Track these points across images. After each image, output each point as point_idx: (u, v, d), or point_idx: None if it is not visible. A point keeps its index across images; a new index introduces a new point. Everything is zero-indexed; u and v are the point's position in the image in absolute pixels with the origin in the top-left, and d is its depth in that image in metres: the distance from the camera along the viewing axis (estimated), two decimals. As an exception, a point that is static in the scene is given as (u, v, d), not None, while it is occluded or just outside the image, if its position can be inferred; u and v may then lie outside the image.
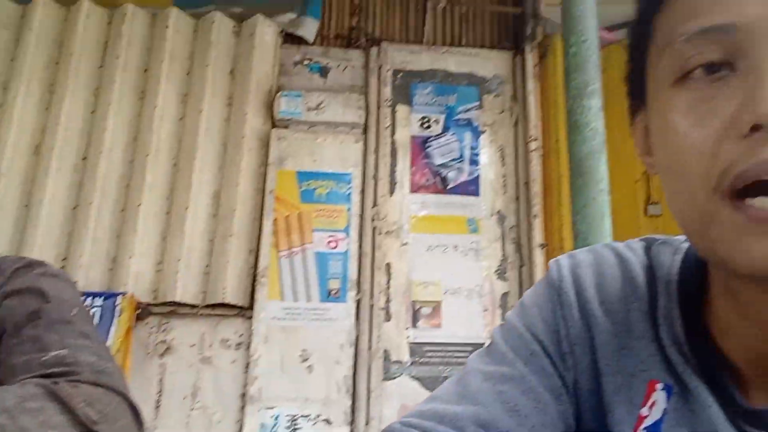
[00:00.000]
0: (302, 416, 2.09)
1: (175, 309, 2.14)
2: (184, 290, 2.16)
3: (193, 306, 2.16)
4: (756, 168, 0.34)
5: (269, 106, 2.49)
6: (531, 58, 2.64)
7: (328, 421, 2.10)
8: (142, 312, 2.06)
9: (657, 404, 0.49)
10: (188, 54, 2.50)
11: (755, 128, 0.34)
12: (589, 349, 0.52)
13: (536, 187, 2.47)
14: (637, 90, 0.46)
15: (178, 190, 2.30)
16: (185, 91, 2.46)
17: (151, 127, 2.34)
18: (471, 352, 2.14)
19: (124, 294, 2.03)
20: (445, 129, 2.63)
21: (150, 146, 2.32)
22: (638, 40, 0.45)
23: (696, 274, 0.47)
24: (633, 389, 0.49)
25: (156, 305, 2.12)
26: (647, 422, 0.48)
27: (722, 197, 0.36)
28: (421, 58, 2.70)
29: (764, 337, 0.42)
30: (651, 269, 0.51)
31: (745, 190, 0.35)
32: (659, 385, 0.48)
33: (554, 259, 0.55)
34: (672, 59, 0.40)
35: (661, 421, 0.47)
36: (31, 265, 0.77)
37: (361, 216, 2.38)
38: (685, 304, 0.47)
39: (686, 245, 0.48)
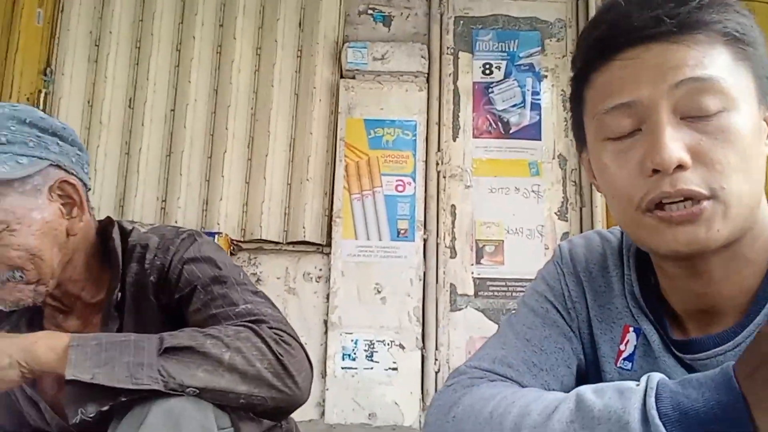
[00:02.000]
0: (378, 341, 2.72)
1: (261, 245, 2.79)
2: (268, 229, 2.81)
3: (276, 243, 2.76)
4: (659, 196, 0.66)
5: (336, 57, 3.04)
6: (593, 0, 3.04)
7: (401, 346, 2.73)
8: (235, 248, 2.67)
9: (630, 342, 0.81)
10: (259, 8, 3.07)
11: (655, 171, 0.66)
12: (584, 305, 0.86)
13: (597, 131, 2.92)
14: (580, 135, 0.80)
15: (257, 138, 2.91)
16: (258, 44, 3.05)
17: (230, 80, 2.95)
18: (532, 287, 2.68)
19: (220, 234, 2.65)
20: (507, 75, 3.13)
21: (230, 97, 2.93)
22: (576, 105, 0.79)
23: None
24: (614, 332, 0.83)
25: (245, 242, 2.74)
26: (624, 354, 0.81)
27: (642, 211, 0.68)
28: (483, 4, 3.19)
29: (686, 297, 0.76)
30: (622, 248, 0.86)
31: (654, 207, 0.67)
32: (631, 329, 0.81)
33: (559, 244, 0.94)
34: (599, 123, 0.73)
35: (633, 353, 0.80)
36: (192, 235, 1.15)
37: (426, 161, 2.94)
38: (644, 270, 0.82)
39: None
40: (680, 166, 0.64)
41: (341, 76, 3.12)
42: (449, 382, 0.81)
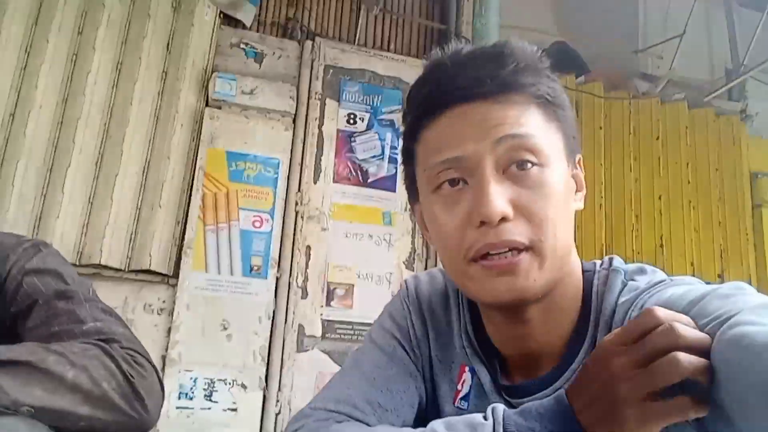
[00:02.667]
0: (219, 380, 2.59)
1: (99, 271, 2.56)
2: (110, 254, 2.60)
3: (117, 270, 2.55)
4: (485, 248, 0.70)
5: (203, 84, 2.96)
6: (452, 71, 3.28)
7: (243, 386, 2.63)
8: (69, 271, 2.42)
9: (466, 381, 0.83)
10: (125, 23, 2.91)
11: (482, 223, 0.70)
12: (426, 343, 0.88)
13: (447, 189, 3.11)
14: (412, 188, 0.83)
15: (107, 156, 2.73)
16: (119, 59, 2.88)
17: (83, 91, 2.76)
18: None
19: (51, 252, 2.38)
20: (369, 127, 3.23)
21: (81, 109, 2.72)
22: (407, 159, 0.83)
23: None
24: (452, 371, 0.85)
25: (81, 266, 2.50)
26: (461, 394, 0.83)
27: (469, 261, 0.72)
28: (352, 57, 3.28)
29: (509, 342, 0.80)
30: (458, 289, 0.89)
31: (481, 257, 0.71)
32: (467, 369, 0.83)
33: (405, 278, 0.97)
34: (429, 177, 0.76)
35: (469, 393, 0.82)
36: (37, 245, 1.08)
37: (286, 200, 2.92)
38: (479, 313, 0.85)
39: None
40: (504, 218, 0.69)
41: (207, 105, 3.02)
42: (295, 426, 0.79)
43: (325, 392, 0.84)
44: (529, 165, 0.71)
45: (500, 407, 0.64)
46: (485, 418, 0.64)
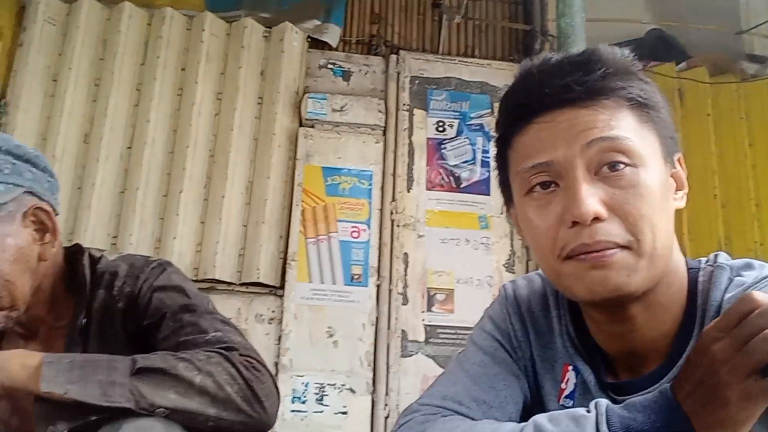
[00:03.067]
0: (329, 384, 2.76)
1: (213, 285, 2.81)
2: (222, 269, 2.85)
3: (230, 283, 2.79)
4: (579, 247, 0.73)
5: (296, 106, 3.19)
6: (539, 70, 3.34)
7: (352, 390, 2.78)
8: (186, 287, 2.69)
9: (570, 380, 0.86)
10: (222, 56, 3.21)
11: (574, 223, 0.73)
12: (528, 344, 0.93)
13: (542, 188, 3.15)
14: (506, 192, 0.88)
15: (214, 179, 2.99)
16: (219, 89, 3.16)
17: (189, 122, 3.04)
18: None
19: (170, 270, 2.66)
20: (459, 133, 3.34)
21: (189, 139, 3.01)
22: (500, 164, 0.87)
23: None
24: (555, 371, 0.89)
25: (197, 281, 2.77)
26: (566, 393, 0.86)
27: (563, 260, 0.75)
28: (437, 66, 3.41)
29: (612, 341, 0.83)
30: (557, 291, 0.92)
31: (574, 255, 0.74)
32: (570, 368, 0.87)
33: (503, 284, 1.00)
34: (521, 181, 0.80)
35: (574, 391, 0.85)
36: (162, 265, 1.20)
37: (381, 210, 3.08)
38: (580, 312, 0.88)
39: None
40: (597, 218, 0.72)
41: (300, 125, 3.25)
42: (403, 420, 0.85)
43: (432, 390, 0.90)
44: (622, 166, 0.73)
45: (603, 401, 0.66)
46: (588, 411, 0.67)
